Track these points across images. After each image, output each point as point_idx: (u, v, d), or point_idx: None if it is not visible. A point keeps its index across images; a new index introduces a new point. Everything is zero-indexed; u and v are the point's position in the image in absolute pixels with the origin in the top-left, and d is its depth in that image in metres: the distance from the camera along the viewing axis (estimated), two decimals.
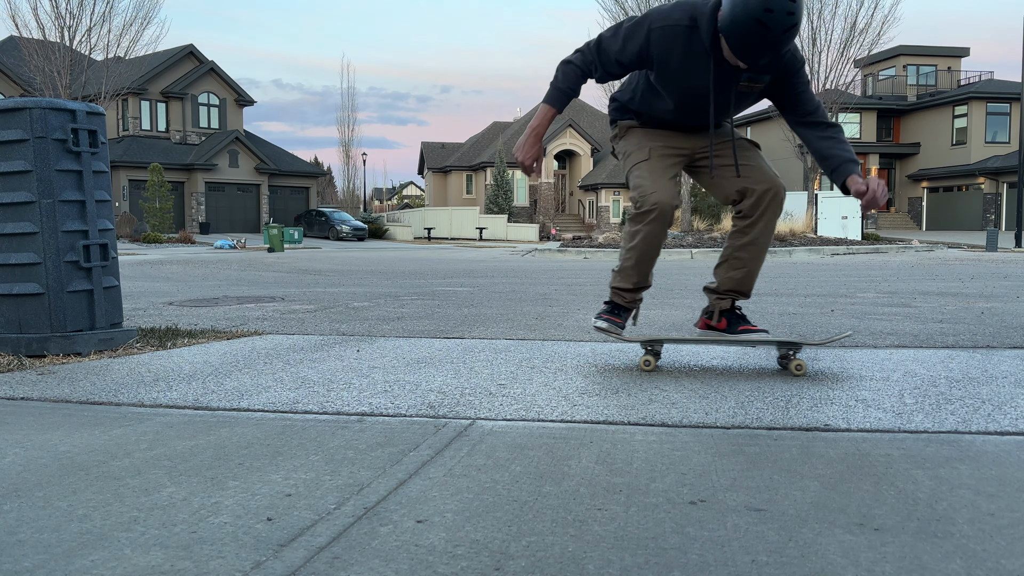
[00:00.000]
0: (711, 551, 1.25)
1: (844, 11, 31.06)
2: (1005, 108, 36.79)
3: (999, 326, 4.17)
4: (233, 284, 8.39)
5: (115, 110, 36.94)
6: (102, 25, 26.37)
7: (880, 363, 2.98)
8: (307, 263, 14.55)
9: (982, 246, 21.49)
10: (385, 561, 1.22)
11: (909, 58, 40.43)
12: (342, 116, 59.64)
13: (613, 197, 43.03)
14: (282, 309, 5.43)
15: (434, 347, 3.47)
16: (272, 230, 23.73)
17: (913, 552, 1.25)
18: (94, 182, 3.24)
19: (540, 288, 7.52)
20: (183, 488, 1.57)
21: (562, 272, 10.88)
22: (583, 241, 23.12)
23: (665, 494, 1.52)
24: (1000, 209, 35.46)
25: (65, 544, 1.29)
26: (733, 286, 2.92)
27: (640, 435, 1.96)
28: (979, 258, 15.63)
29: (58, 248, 3.12)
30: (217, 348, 3.43)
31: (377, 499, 1.50)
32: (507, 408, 2.25)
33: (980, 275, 9.35)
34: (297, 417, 2.18)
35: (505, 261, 15.48)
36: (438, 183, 50.68)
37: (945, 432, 1.97)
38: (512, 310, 5.26)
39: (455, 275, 10.10)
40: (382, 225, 42.09)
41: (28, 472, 1.68)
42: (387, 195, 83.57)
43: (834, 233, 24.19)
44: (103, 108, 4.24)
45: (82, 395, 2.47)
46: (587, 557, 1.23)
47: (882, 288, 7.29)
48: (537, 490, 1.55)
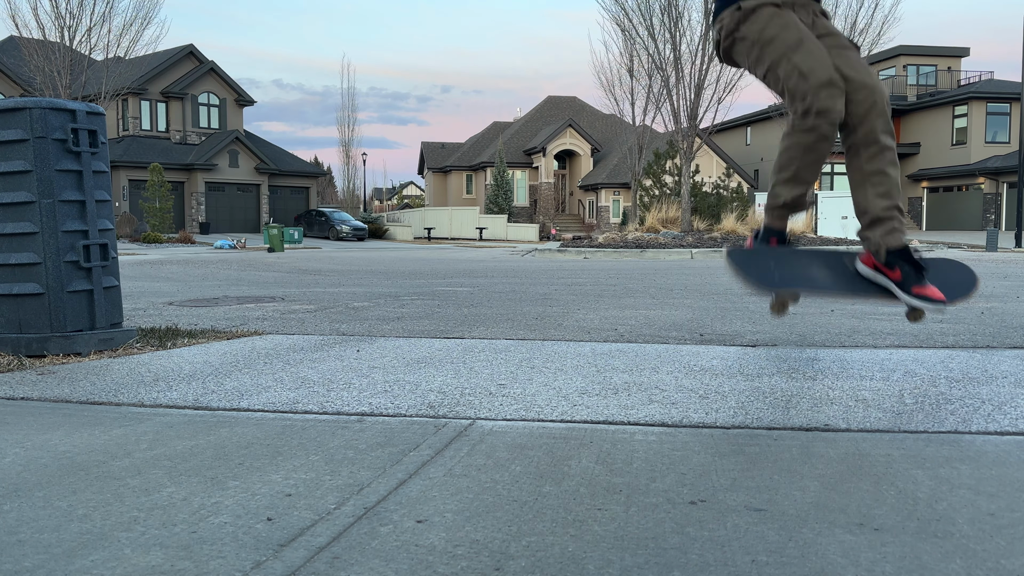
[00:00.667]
0: (711, 551, 1.25)
1: (844, 11, 31.05)
2: (1005, 108, 36.79)
3: (999, 326, 4.17)
4: (233, 284, 8.39)
5: (115, 110, 36.95)
6: (102, 25, 26.39)
7: (880, 363, 2.98)
8: (307, 263, 14.55)
9: (982, 246, 21.49)
10: (385, 561, 1.22)
11: (909, 58, 40.44)
12: (342, 116, 59.62)
13: (613, 197, 43.02)
14: (282, 309, 5.43)
15: (434, 347, 3.47)
16: (272, 230, 23.74)
17: (913, 552, 1.25)
18: (94, 182, 3.24)
19: (540, 288, 7.52)
20: (183, 488, 1.57)
21: (562, 272, 10.88)
22: (583, 241, 23.12)
23: (665, 494, 1.52)
24: (1000, 209, 35.46)
25: (65, 544, 1.29)
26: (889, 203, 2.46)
27: (640, 435, 1.96)
28: (979, 258, 15.63)
29: (58, 248, 3.12)
30: (217, 348, 3.43)
31: (377, 499, 1.50)
32: (507, 408, 2.25)
33: (980, 275, 9.34)
34: (297, 417, 2.18)
35: (505, 261, 15.48)
36: (438, 183, 50.69)
37: (945, 432, 1.97)
38: (512, 310, 5.26)
39: (455, 275, 10.10)
40: (382, 225, 42.10)
41: (28, 472, 1.68)
42: (387, 195, 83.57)
43: (834, 233, 24.20)
44: (103, 108, 4.24)
45: (82, 395, 2.47)
46: (587, 557, 1.23)
47: None
48: (537, 490, 1.55)
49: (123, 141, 36.62)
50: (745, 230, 20.20)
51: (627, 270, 11.46)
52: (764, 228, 2.81)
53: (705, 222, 22.23)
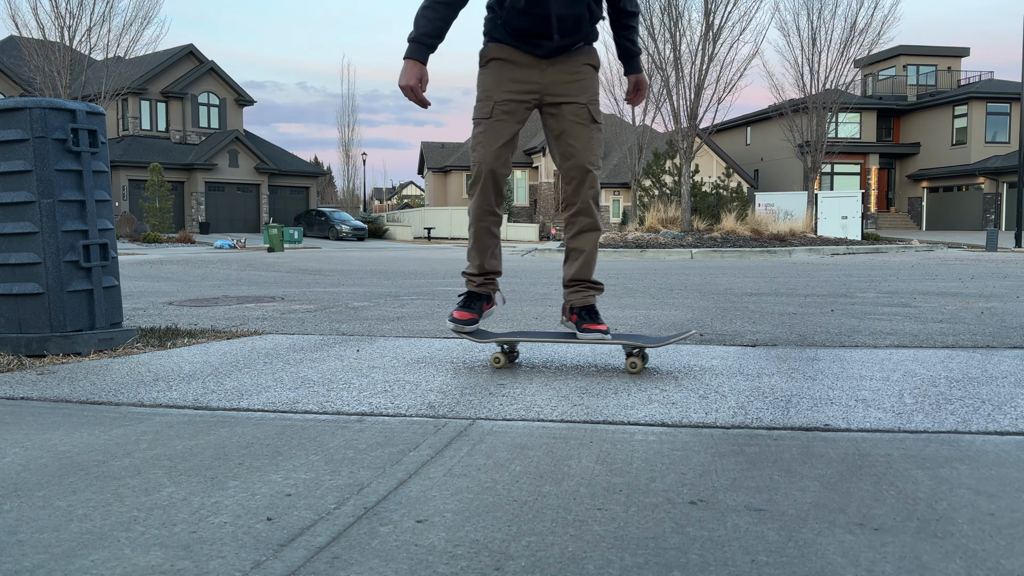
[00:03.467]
0: (711, 551, 1.25)
1: (844, 11, 31.16)
2: (1005, 108, 36.79)
3: (999, 326, 4.17)
4: (233, 284, 8.39)
5: (115, 110, 36.95)
6: (102, 25, 26.36)
7: (880, 363, 2.97)
8: (307, 263, 14.55)
9: (982, 246, 21.50)
10: (385, 561, 1.22)
11: (909, 58, 40.44)
12: (342, 116, 59.64)
13: (613, 197, 43.02)
14: (282, 309, 5.43)
15: (434, 347, 3.47)
16: (272, 230, 23.73)
17: (913, 552, 1.25)
18: (94, 182, 3.24)
19: (540, 288, 7.52)
20: (183, 488, 1.57)
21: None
22: None
23: (665, 494, 1.52)
24: (1000, 209, 35.46)
25: (65, 544, 1.29)
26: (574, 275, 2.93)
27: (640, 435, 1.96)
28: (979, 258, 15.64)
29: (58, 248, 3.12)
30: (217, 348, 3.43)
31: (377, 499, 1.50)
32: (507, 408, 2.25)
33: (980, 275, 9.35)
34: (297, 417, 2.18)
35: (505, 261, 15.46)
36: (438, 183, 50.68)
37: (945, 432, 1.97)
38: (512, 310, 5.26)
39: (455, 275, 10.10)
40: (382, 225, 42.10)
41: (28, 472, 1.68)
42: (387, 195, 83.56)
43: (834, 233, 24.19)
44: (103, 108, 4.24)
45: (82, 395, 2.47)
46: (587, 557, 1.23)
47: (882, 288, 7.29)
48: (537, 490, 1.55)
49: (123, 141, 36.61)
50: (745, 230, 20.19)
51: (627, 270, 11.46)
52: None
53: (705, 222, 22.22)
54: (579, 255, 2.92)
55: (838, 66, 27.21)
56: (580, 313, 2.91)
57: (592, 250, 2.91)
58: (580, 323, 2.89)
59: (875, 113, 39.95)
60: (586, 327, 2.86)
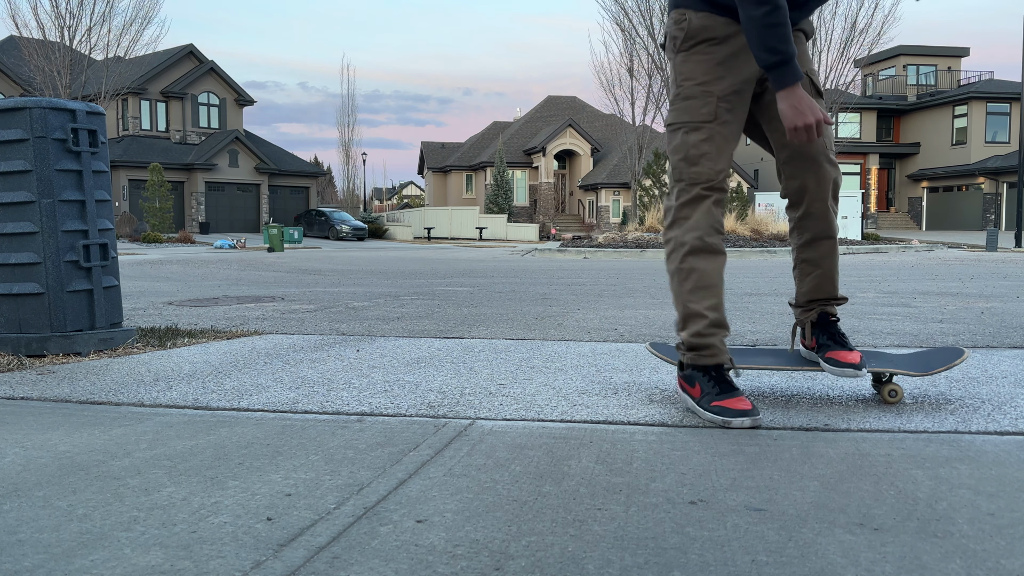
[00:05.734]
0: (711, 551, 1.25)
1: (844, 11, 31.12)
2: (1005, 108, 36.79)
3: (999, 326, 4.17)
4: (233, 284, 8.39)
5: (115, 110, 36.94)
6: (102, 25, 26.40)
7: None
8: (307, 263, 14.55)
9: (982, 246, 21.49)
10: (385, 561, 1.22)
11: (909, 58, 40.44)
12: (342, 116, 59.62)
13: (613, 197, 43.02)
14: (282, 309, 5.43)
15: (434, 347, 3.47)
16: (272, 230, 23.73)
17: (913, 552, 1.25)
18: (94, 182, 3.24)
19: (540, 288, 7.52)
20: (183, 488, 1.57)
21: (562, 272, 10.87)
22: (583, 241, 23.11)
23: (665, 494, 1.52)
24: (1000, 209, 35.46)
25: (65, 544, 1.29)
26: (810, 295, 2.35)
27: (640, 435, 1.96)
28: (979, 258, 15.63)
29: (58, 248, 3.12)
30: (217, 348, 3.43)
31: (377, 499, 1.50)
32: (507, 408, 2.25)
33: (980, 275, 9.35)
34: (297, 417, 2.18)
35: (505, 261, 15.48)
36: (438, 183, 50.66)
37: (945, 432, 1.97)
38: (512, 310, 5.26)
39: (455, 275, 10.10)
40: (382, 225, 42.09)
41: (28, 472, 1.68)
42: (387, 195, 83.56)
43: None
44: (103, 108, 4.24)
45: (82, 395, 2.47)
46: (587, 557, 1.23)
47: (882, 288, 7.29)
48: (537, 490, 1.55)
49: (123, 141, 36.60)
50: (745, 230, 20.19)
51: (627, 270, 11.47)
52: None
53: None
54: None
55: (838, 66, 27.25)
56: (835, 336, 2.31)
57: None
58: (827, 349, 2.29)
59: (875, 113, 39.95)
60: (830, 356, 2.27)
